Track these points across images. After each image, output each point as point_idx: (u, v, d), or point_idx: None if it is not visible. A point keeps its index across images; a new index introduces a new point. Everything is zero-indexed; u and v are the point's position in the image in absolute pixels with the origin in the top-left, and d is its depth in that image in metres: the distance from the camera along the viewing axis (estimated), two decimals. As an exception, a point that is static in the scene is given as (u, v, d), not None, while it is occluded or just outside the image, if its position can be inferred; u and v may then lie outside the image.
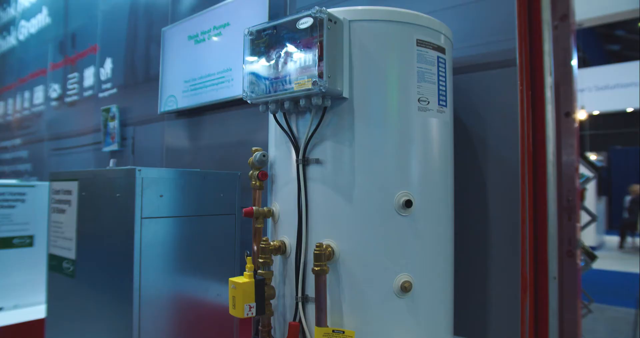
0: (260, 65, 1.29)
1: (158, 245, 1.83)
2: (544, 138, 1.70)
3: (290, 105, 1.23)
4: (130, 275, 1.77)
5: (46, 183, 3.43)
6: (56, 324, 2.28)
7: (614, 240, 11.15)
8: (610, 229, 12.48)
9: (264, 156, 1.35)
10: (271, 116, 1.36)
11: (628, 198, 10.71)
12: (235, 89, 2.38)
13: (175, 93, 2.75)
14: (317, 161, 1.22)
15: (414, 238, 1.20)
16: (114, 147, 3.37)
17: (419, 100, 1.24)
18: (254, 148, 1.38)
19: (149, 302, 1.80)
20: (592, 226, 9.30)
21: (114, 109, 3.39)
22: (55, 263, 2.29)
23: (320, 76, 1.14)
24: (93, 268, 2.00)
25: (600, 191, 10.82)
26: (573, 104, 2.60)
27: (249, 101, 1.31)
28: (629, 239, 10.53)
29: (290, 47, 1.22)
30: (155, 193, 1.81)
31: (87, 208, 2.07)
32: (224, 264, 2.07)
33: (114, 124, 3.38)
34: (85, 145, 3.87)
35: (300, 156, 1.24)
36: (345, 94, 1.20)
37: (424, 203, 1.22)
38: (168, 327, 1.88)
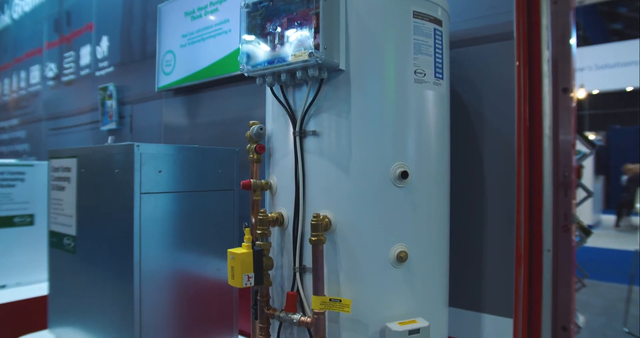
0: (256, 37, 1.29)
1: (157, 220, 1.85)
2: (541, 113, 1.71)
3: (287, 77, 1.24)
4: (130, 249, 1.79)
5: (45, 163, 3.44)
6: (58, 300, 2.31)
7: (610, 218, 11.24)
8: (607, 208, 12.57)
9: (261, 129, 1.36)
10: (268, 89, 1.36)
11: (625, 178, 10.76)
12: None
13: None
14: (314, 133, 1.23)
15: (409, 209, 1.22)
16: (112, 126, 3.37)
17: (415, 72, 1.24)
18: (251, 122, 1.39)
19: (149, 276, 1.83)
20: (589, 205, 9.37)
21: (111, 87, 3.38)
22: (56, 240, 2.31)
23: (317, 47, 1.14)
24: (93, 244, 2.02)
25: (598, 170, 10.85)
26: (571, 80, 2.60)
27: (246, 74, 1.31)
28: (625, 218, 10.62)
29: (286, 19, 1.22)
30: (153, 169, 1.82)
31: (86, 185, 2.08)
32: (223, 239, 2.09)
33: (111, 103, 3.37)
34: (83, 124, 3.87)
35: (297, 129, 1.25)
36: (342, 66, 1.20)
37: (420, 174, 1.24)
38: (168, 301, 1.91)
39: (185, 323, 1.97)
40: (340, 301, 1.16)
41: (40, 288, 3.32)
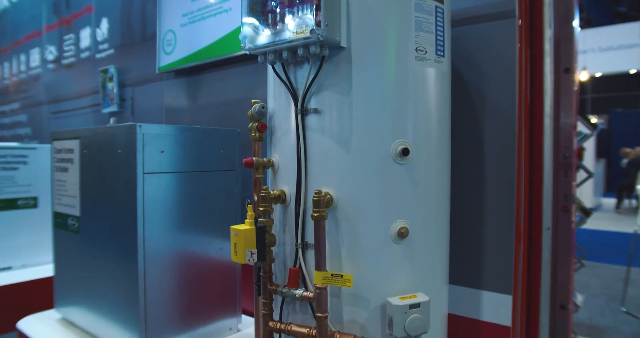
0: (257, 15, 1.29)
1: (160, 200, 1.86)
2: (542, 92, 1.71)
3: (289, 55, 1.24)
4: (134, 229, 1.81)
5: (47, 146, 3.46)
6: (64, 279, 2.34)
7: (610, 202, 11.27)
8: (608, 191, 12.59)
9: (263, 107, 1.37)
10: (269, 68, 1.36)
11: (625, 161, 10.77)
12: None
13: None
14: (316, 111, 1.24)
15: (410, 186, 1.23)
16: (113, 108, 3.37)
17: (416, 49, 1.24)
18: (253, 100, 1.39)
19: (152, 256, 1.85)
20: (590, 188, 9.39)
21: (111, 70, 3.37)
22: (60, 221, 2.34)
23: (318, 24, 1.14)
24: (97, 224, 2.04)
25: (600, 153, 10.85)
26: (573, 61, 2.59)
27: (247, 52, 1.31)
28: (625, 201, 10.65)
29: (287, -4, 1.21)
30: (156, 149, 1.83)
31: (89, 166, 2.09)
32: (225, 219, 2.11)
33: (112, 85, 3.37)
34: (84, 107, 3.87)
35: (299, 106, 1.26)
36: (343, 44, 1.20)
37: (421, 151, 1.25)
38: (172, 280, 1.94)
39: (189, 302, 2.00)
40: (342, 276, 1.18)
41: (45, 270, 3.36)
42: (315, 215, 1.16)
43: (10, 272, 3.34)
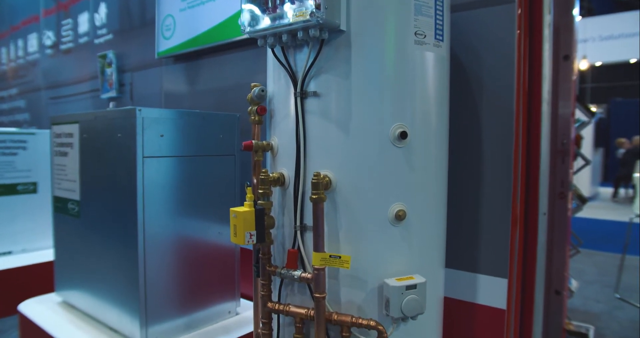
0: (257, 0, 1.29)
1: (160, 184, 1.88)
2: (540, 77, 1.71)
3: (288, 38, 1.24)
4: (134, 212, 1.82)
5: (46, 131, 3.46)
6: (64, 263, 2.37)
7: (608, 191, 11.32)
8: (605, 181, 12.63)
9: (262, 91, 1.37)
10: (269, 51, 1.37)
11: (621, 151, 10.79)
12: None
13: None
14: (315, 94, 1.25)
15: (408, 169, 1.24)
16: (112, 93, 3.37)
17: (415, 33, 1.24)
18: (253, 84, 1.40)
19: (152, 239, 1.87)
20: (587, 177, 9.42)
21: (110, 55, 3.36)
22: (60, 205, 2.35)
23: (318, 7, 1.15)
24: (97, 208, 2.06)
25: (598, 142, 10.86)
26: (572, 48, 2.59)
27: (247, 35, 1.31)
28: (621, 190, 10.70)
29: (287, -21, 1.21)
30: (155, 133, 1.84)
31: (89, 150, 2.10)
32: (224, 204, 2.13)
33: (111, 71, 3.36)
34: (83, 93, 3.86)
35: (298, 89, 1.26)
36: (343, 27, 1.21)
37: (419, 135, 1.26)
38: (172, 264, 1.96)
39: (188, 286, 2.03)
40: (340, 257, 1.19)
41: (45, 254, 3.38)
42: (314, 196, 1.17)
43: (10, 257, 3.36)
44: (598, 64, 13.25)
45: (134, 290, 1.86)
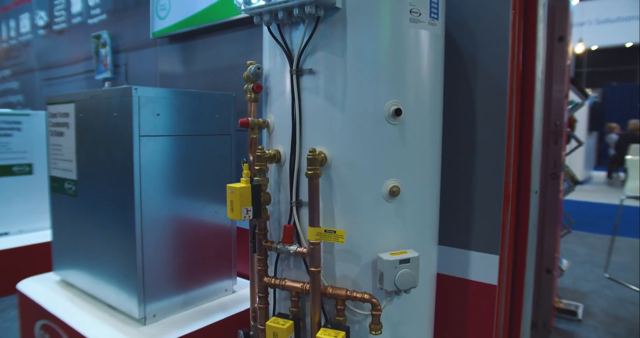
0: (253, -25, 1.29)
1: (157, 163, 1.89)
2: (534, 57, 1.73)
3: (284, 15, 1.25)
4: (131, 191, 1.84)
5: (41, 112, 3.45)
6: (62, 242, 2.38)
7: (601, 175, 11.41)
8: (599, 165, 12.73)
9: (258, 68, 1.38)
10: (265, 29, 1.37)
11: (614, 137, 10.83)
12: None
13: None
14: (311, 71, 1.26)
15: (402, 146, 1.26)
16: (107, 74, 3.35)
17: (410, 11, 1.25)
18: (248, 62, 1.41)
19: (150, 218, 1.89)
20: (581, 161, 9.48)
21: (104, 35, 3.33)
22: (57, 185, 2.36)
23: (313, -16, 1.15)
24: (94, 187, 2.07)
25: (592, 126, 10.91)
26: (567, 30, 2.60)
27: (243, 13, 1.32)
28: (614, 175, 10.79)
29: (283, -44, 1.21)
30: (151, 112, 1.84)
31: (85, 129, 2.11)
32: (221, 183, 2.14)
33: (105, 51, 3.34)
34: (78, 74, 3.84)
35: (294, 67, 1.27)
36: (338, 4, 1.21)
37: (413, 112, 1.27)
38: (169, 243, 1.98)
39: (185, 264, 2.05)
40: (335, 232, 1.22)
41: (42, 235, 3.40)
42: (310, 172, 1.19)
43: (7, 238, 3.38)
44: (594, 48, 13.23)
45: (132, 268, 1.88)
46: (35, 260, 3.15)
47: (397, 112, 1.22)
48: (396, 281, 1.22)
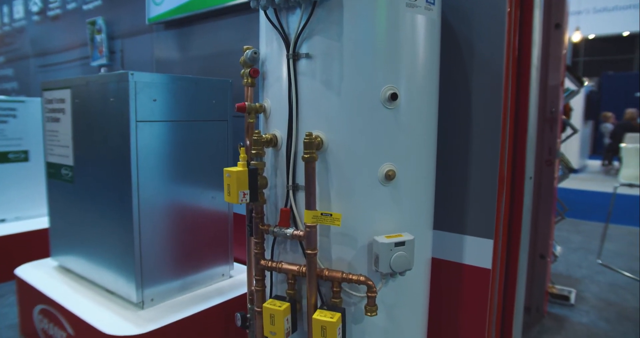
0: (249, -41, 1.28)
1: (153, 149, 1.89)
2: (530, 43, 1.73)
3: (281, 0, 1.25)
4: (128, 176, 1.84)
5: (36, 99, 3.43)
6: (59, 228, 2.39)
7: (597, 164, 11.47)
8: (594, 153, 12.78)
9: (255, 53, 1.38)
10: (262, 13, 1.37)
11: (609, 126, 10.85)
12: None
13: None
14: (307, 56, 1.26)
15: (398, 130, 1.27)
16: (103, 61, 3.33)
17: (407, -5, 1.25)
18: (245, 46, 1.41)
19: (147, 203, 1.90)
20: (576, 150, 9.52)
21: (100, 21, 3.31)
22: (53, 171, 2.36)
23: (310, -33, 1.15)
24: (92, 173, 2.07)
25: (588, 115, 10.93)
26: (564, 17, 2.60)
27: (239, -4, 1.32)
28: (607, 162, 10.85)
29: (279, -61, 1.21)
30: (148, 97, 1.84)
31: (81, 115, 2.11)
32: (217, 169, 2.15)
33: (101, 37, 3.32)
34: (73, 60, 3.82)
35: (291, 51, 1.27)
36: (335, -12, 1.21)
37: (409, 96, 1.28)
38: (166, 228, 1.99)
39: (183, 249, 2.07)
40: (331, 215, 1.23)
41: (39, 222, 3.41)
42: (306, 156, 1.20)
43: (4, 224, 3.38)
44: (591, 36, 13.21)
45: (130, 253, 1.90)
46: (32, 246, 3.16)
47: (393, 96, 1.23)
48: (391, 263, 1.24)
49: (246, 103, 1.37)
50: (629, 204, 6.36)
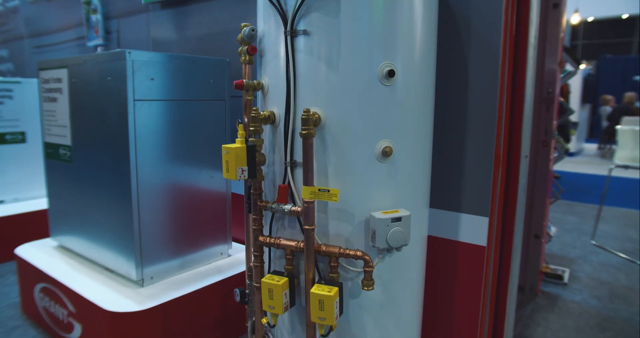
0: None
1: (151, 128, 1.90)
2: (528, 22, 1.73)
3: (278, -25, 1.24)
4: (126, 155, 1.85)
5: (33, 80, 3.42)
6: (58, 208, 2.41)
7: (593, 147, 11.51)
8: (591, 137, 12.81)
9: (252, 30, 1.38)
10: (259, -11, 1.37)
11: (609, 109, 10.84)
12: None
13: None
14: (305, 33, 1.26)
15: (395, 107, 1.28)
16: (99, 41, 3.31)
17: (405, -29, 1.25)
18: (243, 24, 1.40)
19: (145, 182, 1.91)
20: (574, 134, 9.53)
21: (95, 1, 3.28)
22: (51, 151, 2.37)
23: (308, -58, 1.14)
24: (90, 152, 2.08)
25: (585, 98, 10.92)
26: (563, -3, 2.58)
27: (236, -28, 1.31)
28: (607, 146, 10.88)
29: None
30: (146, 76, 1.84)
31: (79, 95, 2.10)
32: (215, 148, 2.16)
33: (96, 17, 3.29)
34: (69, 41, 3.78)
35: (288, 28, 1.27)
36: (333, -36, 1.21)
37: (407, 73, 1.28)
38: (165, 207, 2.01)
39: (181, 228, 2.09)
40: (329, 191, 1.25)
41: (38, 203, 3.42)
42: (304, 132, 1.21)
43: (2, 206, 3.40)
44: (590, 19, 13.12)
45: (129, 232, 1.92)
46: (31, 227, 3.18)
47: (390, 73, 1.24)
48: (388, 238, 1.26)
49: (244, 80, 1.37)
50: (624, 187, 6.41)
